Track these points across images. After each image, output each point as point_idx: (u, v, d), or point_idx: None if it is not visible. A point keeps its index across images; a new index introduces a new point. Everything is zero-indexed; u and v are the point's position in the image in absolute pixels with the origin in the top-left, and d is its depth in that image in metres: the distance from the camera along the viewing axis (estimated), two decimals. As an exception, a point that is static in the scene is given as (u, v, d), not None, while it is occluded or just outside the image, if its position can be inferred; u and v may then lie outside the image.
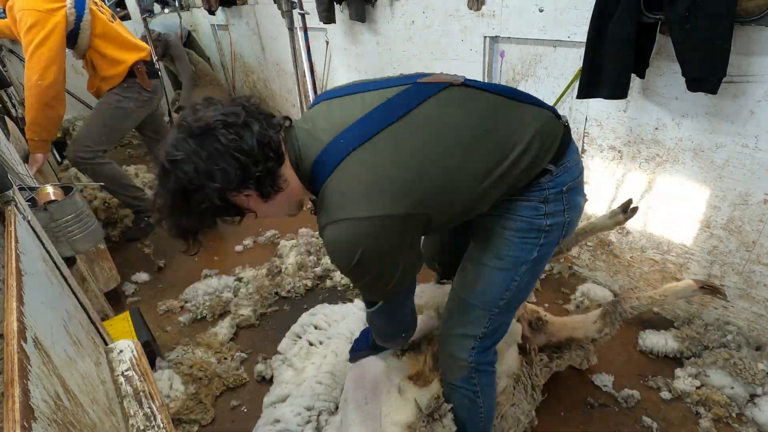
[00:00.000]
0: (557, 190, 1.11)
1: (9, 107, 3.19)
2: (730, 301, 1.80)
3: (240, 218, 1.05)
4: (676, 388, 1.70)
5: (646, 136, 1.81)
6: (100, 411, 0.85)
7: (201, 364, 1.99)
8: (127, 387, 1.05)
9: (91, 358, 1.02)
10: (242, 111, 0.94)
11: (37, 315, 0.77)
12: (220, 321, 2.33)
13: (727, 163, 1.62)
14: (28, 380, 0.59)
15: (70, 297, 1.19)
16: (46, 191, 1.85)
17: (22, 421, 0.51)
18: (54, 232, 1.80)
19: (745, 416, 1.59)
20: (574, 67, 1.93)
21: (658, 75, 1.66)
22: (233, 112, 0.93)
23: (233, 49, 5.13)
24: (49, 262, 1.19)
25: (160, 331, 2.33)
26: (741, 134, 1.54)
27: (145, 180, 4.07)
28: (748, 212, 1.62)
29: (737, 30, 1.38)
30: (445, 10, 2.36)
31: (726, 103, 1.53)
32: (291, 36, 2.04)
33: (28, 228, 1.15)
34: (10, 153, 1.96)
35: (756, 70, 1.43)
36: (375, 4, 2.79)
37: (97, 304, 2.16)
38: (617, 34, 1.52)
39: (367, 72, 3.20)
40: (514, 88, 1.18)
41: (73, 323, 1.03)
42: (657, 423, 1.61)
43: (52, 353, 0.75)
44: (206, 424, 1.81)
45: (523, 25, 2.03)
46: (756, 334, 1.77)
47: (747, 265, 1.70)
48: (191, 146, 0.90)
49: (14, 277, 0.78)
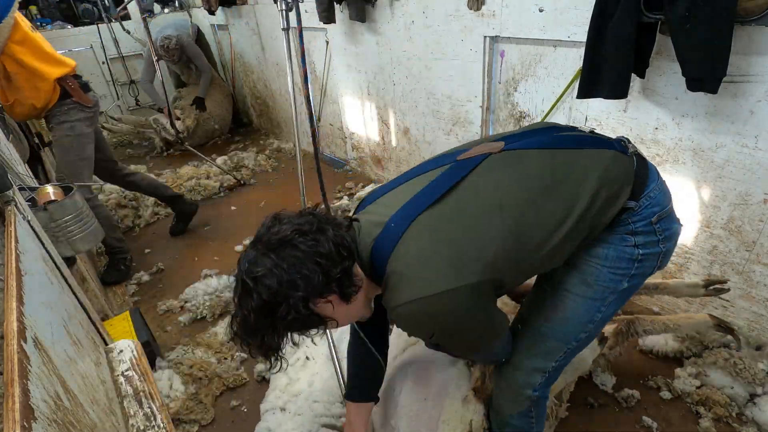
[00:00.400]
0: (645, 223, 1.03)
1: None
2: (730, 301, 1.80)
3: (324, 328, 1.01)
4: (676, 388, 1.70)
5: (646, 136, 1.81)
6: (100, 411, 0.85)
7: (201, 364, 1.99)
8: (127, 387, 1.05)
9: (91, 358, 1.02)
10: (314, 219, 0.97)
11: (37, 315, 0.77)
12: (220, 321, 2.33)
13: (727, 163, 1.62)
14: (28, 380, 0.59)
15: (70, 297, 1.19)
16: (46, 191, 1.85)
17: (22, 421, 0.51)
18: (54, 232, 1.80)
19: (745, 416, 1.59)
20: (574, 67, 1.93)
21: (658, 75, 1.66)
22: (306, 221, 0.95)
23: (233, 49, 5.13)
24: (49, 262, 1.19)
25: (160, 331, 2.33)
26: (741, 134, 1.54)
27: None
28: (748, 212, 1.62)
29: (737, 30, 1.38)
30: (445, 10, 2.36)
31: (726, 102, 1.53)
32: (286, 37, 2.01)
33: (28, 228, 1.15)
34: (10, 153, 1.96)
35: (756, 70, 1.43)
36: (375, 4, 2.79)
37: (97, 304, 2.16)
38: (617, 34, 1.51)
39: (367, 72, 3.20)
40: (567, 135, 1.12)
41: (73, 323, 1.03)
42: (657, 423, 1.61)
43: (52, 353, 0.75)
44: (206, 424, 1.81)
45: (523, 25, 2.03)
46: (756, 333, 1.77)
47: (747, 265, 1.70)
48: (272, 259, 0.90)
49: (14, 277, 0.78)
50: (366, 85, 3.29)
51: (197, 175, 4.08)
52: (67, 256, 1.82)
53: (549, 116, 2.12)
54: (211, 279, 2.62)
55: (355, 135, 3.76)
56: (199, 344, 2.16)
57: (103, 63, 5.38)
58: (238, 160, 4.39)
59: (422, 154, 3.06)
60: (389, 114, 3.20)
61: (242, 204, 3.69)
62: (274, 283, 0.89)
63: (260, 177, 4.18)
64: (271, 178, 4.16)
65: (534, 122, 1.32)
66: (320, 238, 0.93)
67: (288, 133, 4.86)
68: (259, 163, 4.39)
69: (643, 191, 1.03)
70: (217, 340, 2.17)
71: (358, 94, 3.44)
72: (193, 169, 4.24)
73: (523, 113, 2.28)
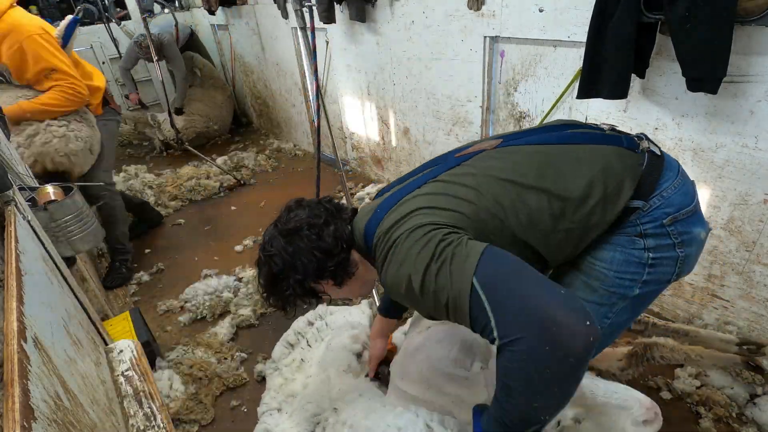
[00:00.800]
0: (656, 225, 0.97)
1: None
2: (729, 301, 1.80)
3: (319, 301, 1.23)
4: (676, 389, 1.70)
5: (646, 136, 1.81)
6: (100, 411, 0.85)
7: (201, 364, 1.99)
8: (127, 387, 1.05)
9: (91, 358, 1.02)
10: (325, 211, 1.13)
11: (37, 315, 0.77)
12: (220, 321, 2.33)
13: (727, 163, 1.62)
14: (28, 380, 0.59)
15: (70, 297, 1.19)
16: (46, 191, 1.85)
17: (22, 421, 0.51)
18: (54, 232, 1.80)
19: (745, 416, 1.59)
20: (574, 67, 1.93)
21: (658, 75, 1.66)
22: (318, 213, 1.12)
23: (233, 49, 5.13)
24: (49, 262, 1.19)
25: (160, 331, 2.33)
26: (741, 134, 1.54)
27: (146, 180, 4.08)
28: (748, 212, 1.62)
29: (737, 30, 1.37)
30: (445, 10, 2.36)
31: (726, 103, 1.53)
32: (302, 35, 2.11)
33: (28, 228, 1.15)
34: (10, 153, 1.96)
35: (756, 70, 1.43)
36: (375, 4, 2.79)
37: (97, 304, 2.16)
38: (617, 34, 1.51)
39: (367, 72, 3.20)
40: (574, 132, 1.08)
41: (73, 323, 1.03)
42: (657, 423, 1.61)
43: (52, 353, 0.75)
44: (206, 424, 1.81)
45: (523, 25, 2.03)
46: (756, 334, 1.77)
47: (747, 265, 1.70)
48: (281, 243, 1.10)
49: (14, 277, 0.78)
50: (366, 85, 3.29)
51: (197, 175, 4.08)
52: (67, 256, 1.82)
53: (549, 116, 2.13)
54: (211, 279, 2.62)
55: (355, 135, 3.76)
56: (199, 344, 2.16)
57: (103, 63, 5.39)
58: (238, 160, 4.39)
59: (422, 154, 3.06)
60: (389, 114, 3.20)
61: (242, 204, 3.69)
62: (280, 263, 1.09)
63: (260, 177, 4.18)
64: (271, 178, 4.16)
65: (553, 120, 1.26)
66: (324, 231, 1.09)
67: (288, 133, 4.86)
68: (259, 163, 4.39)
69: (653, 190, 0.97)
70: (217, 340, 2.17)
71: (358, 94, 3.44)
72: (193, 169, 4.24)
73: (523, 113, 2.28)
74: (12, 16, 2.15)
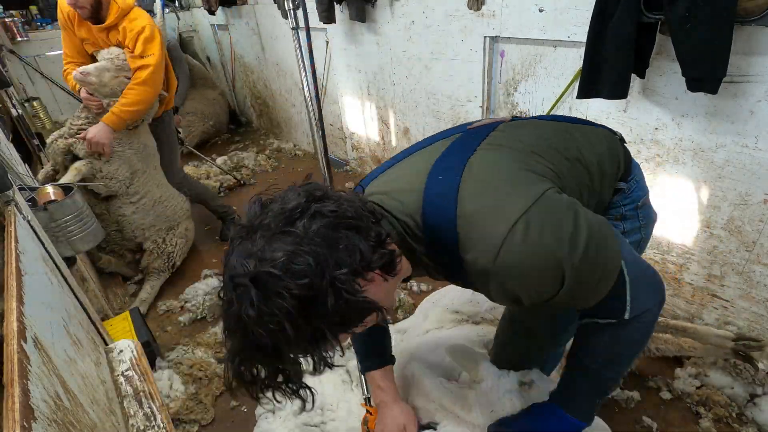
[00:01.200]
0: (632, 207, 1.03)
1: (9, 107, 3.18)
2: (729, 301, 1.80)
3: (377, 316, 0.79)
4: (676, 389, 1.70)
5: (646, 136, 1.81)
6: (100, 411, 0.85)
7: (201, 364, 1.99)
8: (127, 387, 1.05)
9: (91, 358, 1.02)
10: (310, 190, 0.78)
11: (37, 315, 0.77)
12: (220, 321, 2.33)
13: (727, 163, 1.62)
14: (28, 380, 0.59)
15: (70, 297, 1.19)
16: (46, 191, 1.85)
17: (22, 421, 0.51)
18: (54, 232, 1.80)
19: (745, 416, 1.59)
20: (574, 67, 1.93)
21: (658, 75, 1.66)
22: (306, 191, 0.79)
23: (233, 49, 5.13)
24: (49, 262, 1.19)
25: (160, 331, 2.33)
26: (741, 134, 1.54)
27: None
28: (748, 212, 1.62)
29: (737, 30, 1.37)
30: (445, 10, 2.36)
31: (726, 103, 1.53)
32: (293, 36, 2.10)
33: (28, 228, 1.15)
34: (10, 153, 1.96)
35: (756, 70, 1.43)
36: (375, 4, 2.79)
37: (97, 304, 2.16)
38: (617, 34, 1.51)
39: (367, 72, 3.20)
40: (568, 117, 1.12)
41: (73, 323, 1.03)
42: (657, 423, 1.60)
43: (52, 353, 0.75)
44: (206, 424, 1.81)
45: (523, 25, 2.03)
46: (756, 334, 1.77)
47: (747, 265, 1.70)
48: (287, 240, 0.72)
49: (14, 277, 0.78)
50: (366, 85, 3.29)
51: (197, 175, 4.08)
52: (67, 256, 1.82)
53: (549, 116, 2.13)
54: (211, 279, 2.62)
55: (355, 135, 3.76)
56: (199, 344, 2.16)
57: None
58: (238, 160, 4.39)
59: (422, 154, 3.05)
60: (389, 114, 3.20)
61: (242, 204, 3.68)
62: (310, 262, 0.66)
63: (260, 177, 4.18)
64: (271, 178, 4.16)
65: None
66: (341, 201, 0.74)
67: (288, 133, 4.86)
68: (259, 163, 4.39)
69: (630, 173, 1.04)
70: (217, 340, 2.17)
71: (358, 94, 3.44)
72: (193, 169, 4.24)
73: (523, 113, 2.28)
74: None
